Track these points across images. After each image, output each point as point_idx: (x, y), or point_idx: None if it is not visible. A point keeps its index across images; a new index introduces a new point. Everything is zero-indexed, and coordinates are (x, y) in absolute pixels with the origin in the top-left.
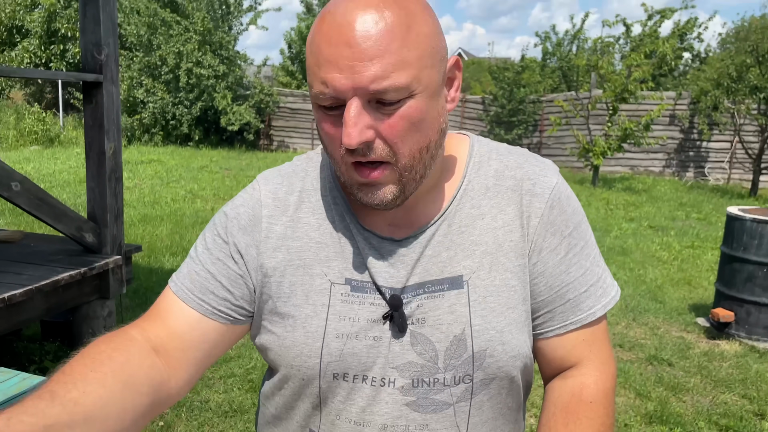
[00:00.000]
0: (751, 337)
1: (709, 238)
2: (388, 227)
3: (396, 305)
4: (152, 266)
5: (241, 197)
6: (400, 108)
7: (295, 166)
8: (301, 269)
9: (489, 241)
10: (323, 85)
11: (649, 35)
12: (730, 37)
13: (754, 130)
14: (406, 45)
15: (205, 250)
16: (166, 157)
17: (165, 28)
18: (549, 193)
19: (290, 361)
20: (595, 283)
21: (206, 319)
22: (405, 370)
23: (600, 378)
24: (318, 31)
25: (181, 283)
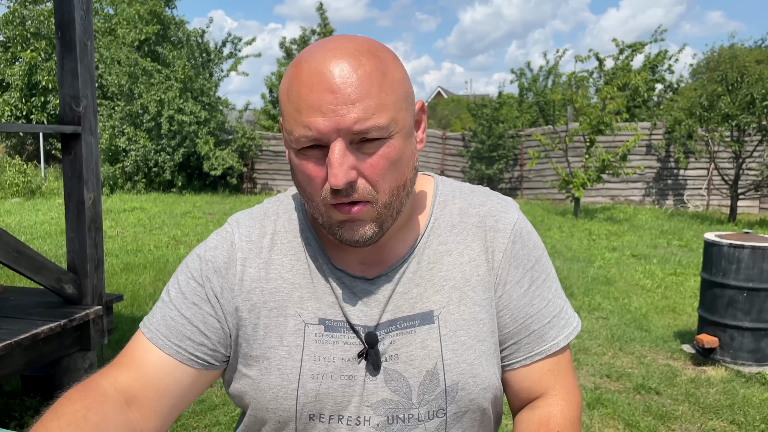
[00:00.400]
0: (736, 362)
1: (690, 264)
2: (359, 266)
3: (372, 342)
4: (135, 315)
5: (214, 240)
6: (380, 148)
7: (266, 208)
8: (275, 311)
9: (457, 276)
10: (306, 128)
11: (621, 68)
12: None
13: (729, 157)
14: (383, 90)
15: (179, 294)
16: (149, 205)
17: (146, 77)
18: (511, 229)
19: (266, 404)
20: (557, 314)
21: (182, 366)
22: (380, 408)
23: (566, 407)
24: (296, 78)
25: (155, 329)
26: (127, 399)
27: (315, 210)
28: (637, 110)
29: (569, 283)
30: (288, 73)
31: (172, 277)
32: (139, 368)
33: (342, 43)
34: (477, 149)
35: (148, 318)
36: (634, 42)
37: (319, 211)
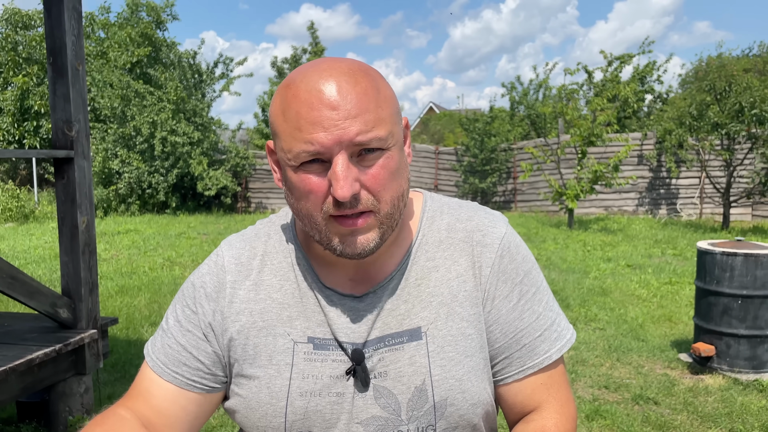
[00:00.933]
0: (733, 370)
1: (685, 273)
2: (349, 283)
3: (358, 359)
4: (130, 338)
5: (207, 265)
6: (379, 159)
7: (258, 229)
8: (264, 330)
9: (444, 292)
10: (308, 144)
11: (610, 80)
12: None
13: (720, 165)
14: (379, 105)
15: (176, 323)
16: (143, 226)
17: (138, 99)
18: (498, 243)
19: (255, 422)
20: (549, 327)
21: (183, 391)
22: (369, 425)
23: (560, 420)
24: (293, 98)
25: (156, 357)
26: (145, 425)
27: (312, 226)
28: (628, 121)
29: (565, 295)
30: (280, 94)
31: (171, 304)
32: (147, 398)
33: (334, 63)
34: (470, 163)
35: (151, 345)
36: (622, 54)
37: (317, 227)
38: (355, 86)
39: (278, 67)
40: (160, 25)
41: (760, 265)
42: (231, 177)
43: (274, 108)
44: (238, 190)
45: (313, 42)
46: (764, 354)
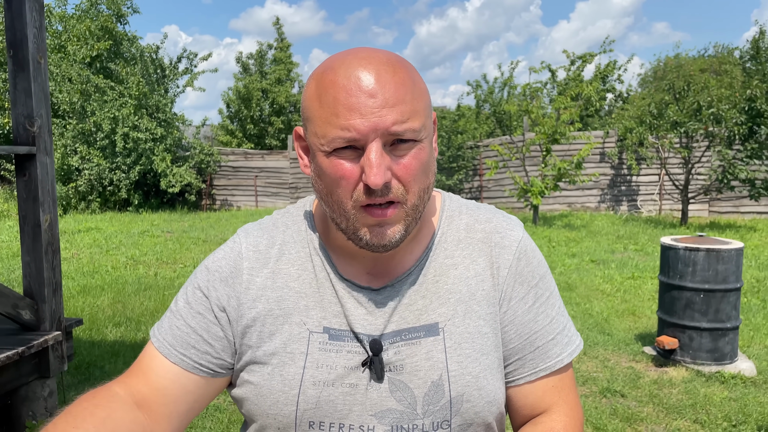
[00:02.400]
0: (696, 362)
1: (647, 268)
2: (366, 276)
3: (377, 350)
4: (94, 339)
5: (222, 251)
6: (411, 150)
7: (275, 219)
8: (281, 318)
9: (462, 289)
10: (344, 130)
11: (573, 79)
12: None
13: (679, 163)
14: (415, 97)
15: (186, 305)
16: (105, 224)
17: (99, 94)
18: (516, 246)
19: (266, 409)
20: (561, 332)
21: (187, 373)
22: (384, 417)
23: (569, 423)
24: (331, 84)
25: (162, 338)
26: (138, 402)
27: (340, 214)
28: (590, 119)
29: None
30: (316, 79)
31: (181, 288)
32: (147, 375)
33: (373, 52)
34: (437, 160)
35: (157, 327)
36: (584, 53)
37: (345, 215)
38: (394, 76)
39: (243, 63)
40: (121, 18)
41: (722, 259)
42: (195, 174)
43: (308, 93)
44: (203, 187)
45: (278, 38)
46: (725, 346)
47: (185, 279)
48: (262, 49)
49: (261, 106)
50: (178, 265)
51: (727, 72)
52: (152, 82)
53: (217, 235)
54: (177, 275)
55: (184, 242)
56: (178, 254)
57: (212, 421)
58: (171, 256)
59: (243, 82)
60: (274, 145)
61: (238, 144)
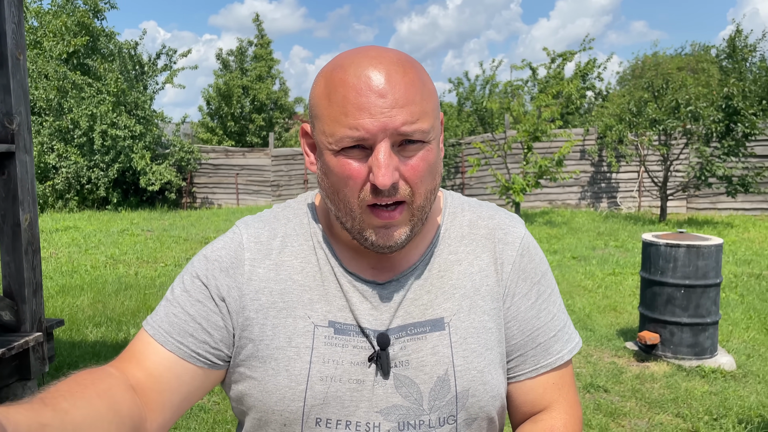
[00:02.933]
0: (677, 357)
1: (627, 264)
2: (371, 270)
3: (384, 344)
4: (74, 340)
5: (221, 241)
6: (420, 152)
7: (276, 213)
8: (284, 311)
9: (467, 285)
10: (353, 129)
11: (554, 77)
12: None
13: (658, 160)
14: (424, 97)
15: (183, 293)
16: (83, 223)
17: (76, 90)
18: (519, 242)
19: (272, 405)
20: (562, 329)
21: (183, 362)
22: (390, 414)
23: (569, 421)
24: (341, 83)
25: (158, 325)
26: (133, 386)
27: (346, 214)
28: (570, 117)
29: None
30: (326, 77)
31: (176, 278)
32: (141, 362)
33: (383, 51)
34: None
35: (151, 317)
36: (564, 51)
37: (351, 215)
38: (404, 76)
39: (223, 60)
40: (98, 13)
41: (702, 255)
42: (175, 172)
43: (317, 91)
44: (183, 185)
45: (258, 34)
46: (706, 341)
47: (167, 278)
48: (243, 45)
49: (242, 103)
50: (159, 264)
51: (704, 70)
52: (131, 78)
53: (198, 233)
54: (158, 274)
55: (165, 241)
56: (159, 253)
57: (196, 421)
58: (151, 255)
59: (223, 79)
60: (255, 142)
61: (218, 141)
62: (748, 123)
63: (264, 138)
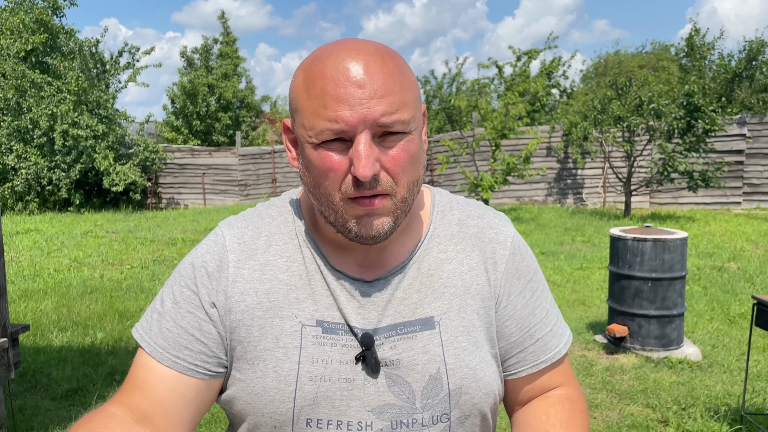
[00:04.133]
0: (645, 348)
1: (594, 258)
2: (358, 268)
3: (368, 344)
4: (39, 345)
5: (205, 245)
6: (400, 142)
7: (259, 211)
8: (271, 311)
9: (457, 284)
10: (332, 122)
11: (519, 75)
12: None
13: (622, 156)
14: (404, 88)
15: (173, 305)
16: (45, 226)
17: (35, 89)
18: (510, 242)
19: (261, 408)
20: (556, 323)
21: (184, 377)
22: (383, 413)
23: (577, 396)
24: (319, 74)
25: (153, 341)
26: (139, 418)
27: (328, 207)
28: (537, 114)
29: None
30: (304, 71)
31: (165, 286)
32: (143, 389)
33: (361, 44)
34: None
35: (144, 330)
36: (529, 49)
37: (333, 208)
38: (382, 67)
39: (188, 57)
40: (57, 11)
41: (668, 249)
42: (140, 172)
43: (296, 84)
44: (148, 185)
45: (224, 32)
46: (672, 332)
47: (133, 280)
48: (208, 43)
49: (207, 102)
50: (125, 266)
51: (665, 68)
52: (92, 77)
53: (165, 234)
54: (124, 276)
55: (131, 242)
56: (125, 255)
57: None
58: (117, 257)
59: (188, 77)
60: (222, 141)
61: (184, 141)
62: (709, 120)
63: (231, 137)
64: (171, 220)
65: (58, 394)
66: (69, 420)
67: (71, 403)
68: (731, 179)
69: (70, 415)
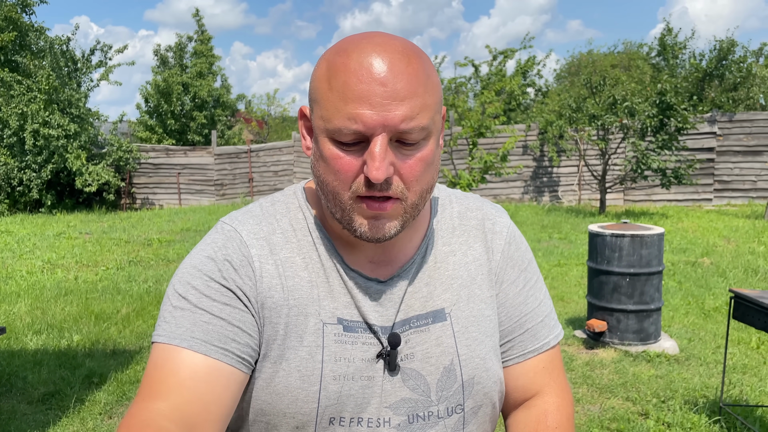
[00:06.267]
0: (623, 343)
1: (572, 255)
2: (370, 265)
3: (395, 344)
4: (13, 349)
5: (218, 240)
6: (418, 150)
7: (264, 208)
8: (295, 309)
9: (463, 275)
10: (350, 120)
11: (495, 74)
12: (564, 72)
13: (596, 154)
14: (427, 90)
15: (204, 298)
16: (15, 227)
17: (4, 88)
18: (506, 232)
19: (283, 408)
20: (548, 315)
21: (230, 369)
22: (400, 407)
23: (561, 404)
24: (343, 67)
25: (190, 337)
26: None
27: (335, 203)
28: (513, 113)
29: None
30: (329, 60)
31: (176, 285)
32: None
33: (389, 39)
34: None
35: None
36: (505, 49)
37: (341, 205)
38: (408, 66)
39: (162, 56)
40: (26, 8)
41: (645, 244)
42: (113, 172)
43: (318, 74)
44: (122, 185)
45: (198, 30)
46: (650, 327)
47: (109, 282)
48: (182, 41)
49: (182, 101)
50: (100, 268)
51: (638, 67)
52: (63, 75)
53: (140, 234)
54: (99, 278)
55: (105, 243)
56: (99, 256)
57: None
58: (91, 259)
59: (162, 76)
60: (197, 140)
61: (158, 140)
62: (681, 118)
63: (206, 136)
64: (146, 221)
65: (35, 397)
66: (46, 424)
67: (48, 407)
68: (702, 176)
69: (47, 419)
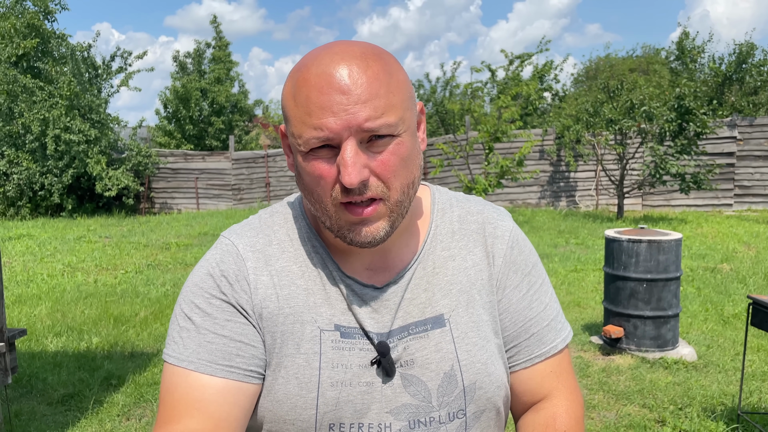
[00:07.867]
0: (640, 349)
1: (588, 260)
2: (366, 272)
3: (384, 351)
4: (34, 350)
5: (216, 255)
6: (389, 146)
7: (263, 219)
8: (291, 317)
9: (462, 280)
10: (317, 130)
11: (512, 78)
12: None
13: (614, 159)
14: (390, 90)
15: (206, 317)
16: (37, 231)
17: (27, 94)
18: (509, 235)
19: (283, 415)
20: (555, 318)
21: (240, 386)
22: (401, 413)
23: (570, 407)
24: (303, 82)
25: (197, 359)
26: None
27: (323, 213)
28: (529, 118)
29: None
30: (291, 78)
31: (182, 305)
32: (201, 408)
33: (347, 47)
34: None
35: (179, 350)
36: (522, 53)
37: (327, 214)
38: (366, 70)
39: (180, 62)
40: (49, 15)
41: (662, 250)
42: (133, 177)
43: (285, 92)
44: (141, 190)
45: (216, 36)
46: (668, 333)
47: (128, 285)
48: (200, 47)
49: (200, 106)
50: (120, 271)
51: (656, 71)
52: (84, 81)
53: (158, 239)
54: (119, 281)
55: (125, 247)
56: (119, 260)
57: None
58: (111, 262)
59: (181, 82)
60: (215, 145)
61: (176, 145)
62: (700, 122)
63: (224, 141)
64: (164, 225)
65: (54, 399)
66: (65, 425)
67: (67, 408)
68: (722, 181)
69: (66, 420)
